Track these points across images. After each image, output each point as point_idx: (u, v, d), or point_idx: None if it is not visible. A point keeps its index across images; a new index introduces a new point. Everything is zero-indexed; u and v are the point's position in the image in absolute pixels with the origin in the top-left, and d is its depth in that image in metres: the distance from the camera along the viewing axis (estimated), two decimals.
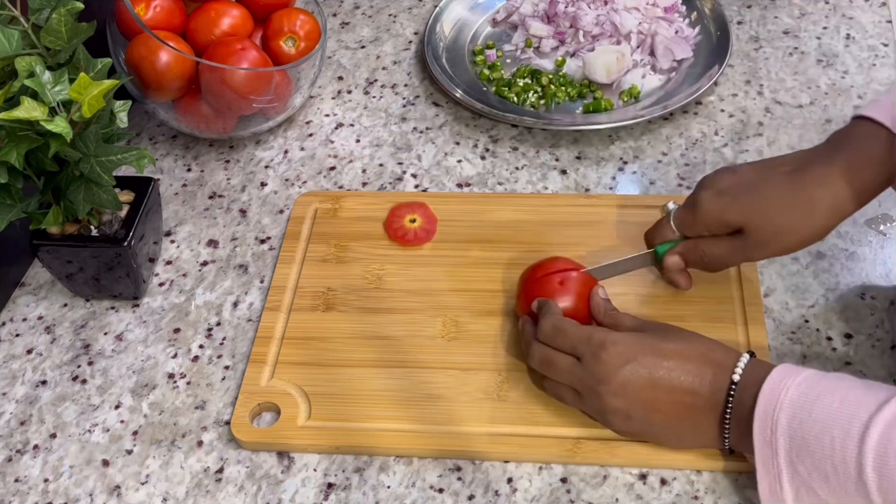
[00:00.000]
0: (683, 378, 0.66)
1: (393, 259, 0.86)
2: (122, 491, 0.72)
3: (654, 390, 0.66)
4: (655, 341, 0.68)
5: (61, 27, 0.75)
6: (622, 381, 0.66)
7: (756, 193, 0.72)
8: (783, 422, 0.60)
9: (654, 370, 0.66)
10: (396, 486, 0.71)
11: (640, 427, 0.68)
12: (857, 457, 0.57)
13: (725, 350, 0.68)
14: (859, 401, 0.59)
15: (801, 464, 0.60)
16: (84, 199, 0.76)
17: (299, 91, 1.00)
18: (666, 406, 0.66)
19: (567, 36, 1.08)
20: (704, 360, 0.66)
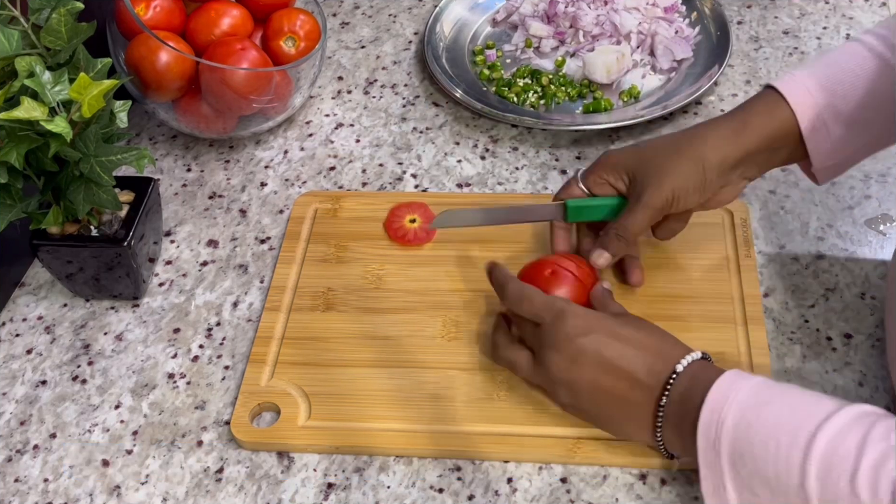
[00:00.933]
0: (630, 363, 0.66)
1: (393, 259, 0.86)
2: (122, 491, 0.72)
3: (601, 369, 0.66)
4: (614, 324, 0.68)
5: (61, 27, 0.75)
6: (574, 352, 0.66)
7: (648, 147, 0.77)
8: (729, 423, 0.60)
9: (605, 349, 0.66)
10: (396, 486, 0.71)
11: (583, 405, 0.68)
12: (802, 464, 0.56)
13: (678, 347, 0.67)
14: (808, 410, 0.58)
15: (743, 467, 0.59)
16: (84, 199, 0.76)
17: (299, 91, 1.00)
18: (608, 387, 0.66)
19: (567, 36, 1.08)
20: (655, 351, 0.66)
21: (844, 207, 0.88)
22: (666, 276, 0.82)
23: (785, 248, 0.85)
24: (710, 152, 0.74)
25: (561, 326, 0.67)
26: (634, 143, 0.80)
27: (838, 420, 0.57)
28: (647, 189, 0.74)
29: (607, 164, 0.78)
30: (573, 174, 0.81)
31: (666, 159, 0.74)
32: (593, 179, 0.78)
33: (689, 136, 0.75)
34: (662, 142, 0.77)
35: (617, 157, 0.78)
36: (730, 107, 1.00)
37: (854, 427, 0.56)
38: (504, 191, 0.94)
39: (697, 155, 0.74)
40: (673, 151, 0.75)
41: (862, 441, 0.55)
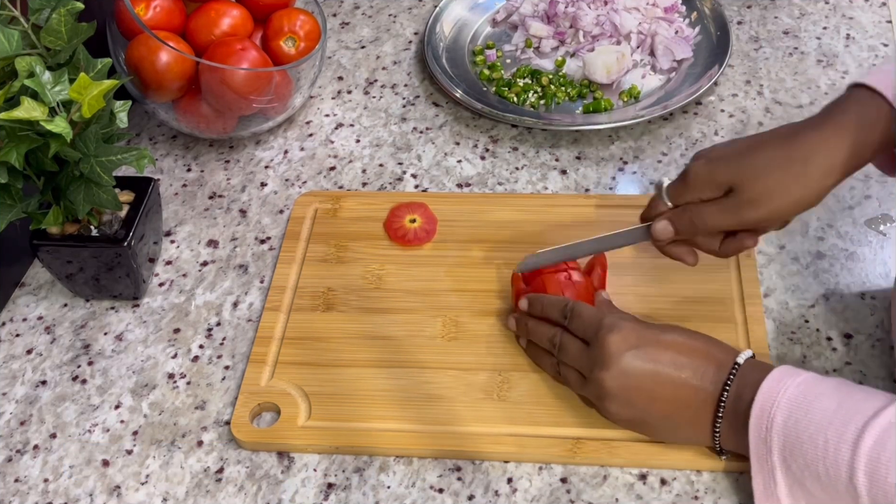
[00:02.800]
0: (684, 371, 0.66)
1: (393, 259, 0.86)
2: (122, 491, 0.72)
3: (655, 379, 0.66)
4: (659, 333, 0.68)
5: (61, 27, 0.75)
6: (624, 368, 0.66)
7: (747, 154, 0.70)
8: (779, 420, 0.61)
9: (657, 360, 0.66)
10: (396, 486, 0.71)
11: (637, 416, 0.68)
12: (850, 461, 0.57)
13: (725, 348, 0.68)
14: (857, 405, 0.59)
15: (793, 462, 0.60)
16: (84, 199, 0.76)
17: (299, 91, 1.00)
18: (665, 397, 0.66)
19: (567, 36, 1.08)
20: (705, 355, 0.67)
21: (844, 207, 0.88)
22: (666, 276, 0.82)
23: (785, 248, 0.85)
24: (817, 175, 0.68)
25: (611, 342, 0.67)
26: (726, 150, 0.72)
27: (887, 415, 0.57)
28: (748, 205, 0.69)
29: (702, 181, 0.71)
30: (657, 188, 0.75)
31: (773, 181, 0.68)
32: (682, 196, 0.73)
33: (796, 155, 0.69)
34: (765, 156, 0.69)
35: (713, 173, 0.71)
36: (730, 107, 1.00)
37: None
38: (504, 191, 0.94)
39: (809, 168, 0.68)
40: (780, 173, 0.68)
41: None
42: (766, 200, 0.69)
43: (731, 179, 0.70)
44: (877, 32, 1.08)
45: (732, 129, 0.98)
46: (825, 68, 1.04)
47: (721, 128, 0.98)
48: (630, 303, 0.80)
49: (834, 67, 1.04)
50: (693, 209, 0.72)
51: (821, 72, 1.04)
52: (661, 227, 0.74)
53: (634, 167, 0.95)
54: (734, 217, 0.71)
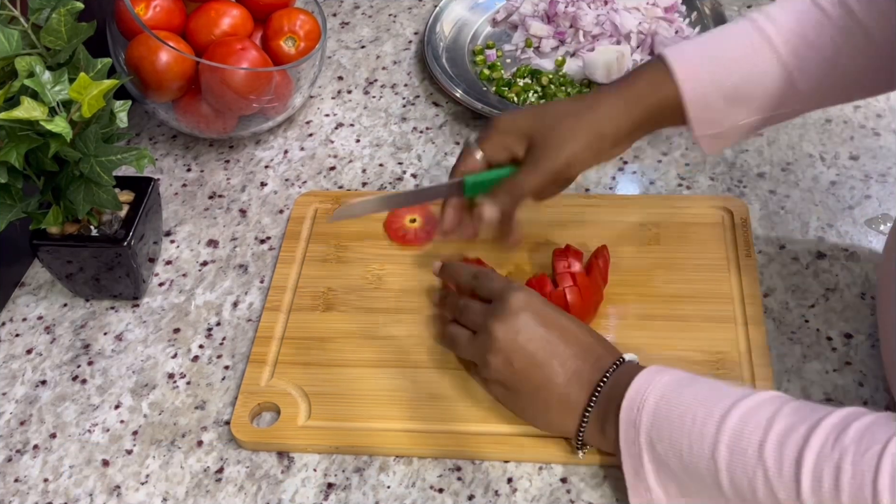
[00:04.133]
0: (570, 347, 0.68)
1: (393, 259, 0.86)
2: (122, 491, 0.72)
3: (542, 345, 0.68)
4: (558, 312, 0.71)
5: (61, 27, 0.75)
6: (518, 324, 0.68)
7: (544, 108, 0.79)
8: (651, 401, 0.62)
9: (550, 327, 0.68)
10: (396, 486, 0.71)
11: (513, 380, 0.69)
12: (714, 435, 0.58)
13: (612, 348, 0.70)
14: (726, 391, 0.61)
15: (659, 442, 0.61)
16: (84, 199, 0.76)
17: (299, 91, 1.00)
18: (545, 365, 0.67)
19: (567, 36, 1.08)
20: (589, 348, 0.69)
21: (844, 207, 0.88)
22: (666, 276, 0.82)
23: (785, 248, 0.85)
24: (605, 123, 0.75)
25: (512, 299, 0.69)
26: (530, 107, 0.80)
27: (754, 399, 0.59)
28: (544, 154, 0.75)
29: (505, 129, 0.78)
30: (466, 143, 0.80)
31: (564, 127, 0.75)
32: (491, 145, 0.78)
33: (586, 106, 0.76)
34: (559, 108, 0.77)
35: (515, 122, 0.78)
36: None
37: (768, 403, 0.59)
38: None
39: (594, 125, 0.75)
40: (571, 120, 0.76)
41: (773, 415, 0.57)
42: (560, 146, 0.75)
43: (528, 127, 0.76)
44: None
45: None
46: None
47: None
48: (630, 303, 0.80)
49: None
50: (505, 182, 0.77)
51: None
52: (488, 211, 0.77)
53: (634, 167, 0.95)
54: (541, 171, 0.76)
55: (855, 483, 0.52)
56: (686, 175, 0.94)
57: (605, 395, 0.66)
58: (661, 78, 0.75)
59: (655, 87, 0.75)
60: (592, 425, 0.67)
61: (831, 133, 0.96)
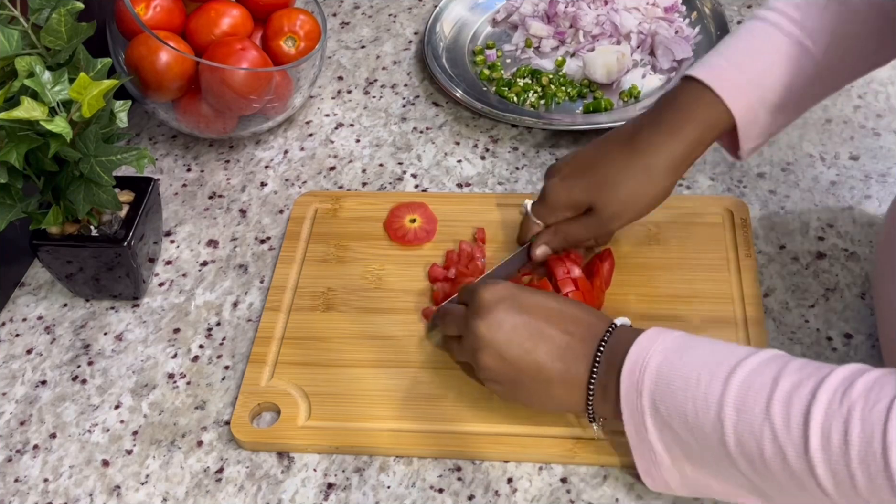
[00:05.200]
0: (557, 323, 0.67)
1: (393, 259, 0.86)
2: (122, 491, 0.72)
3: (528, 329, 0.67)
4: (534, 294, 0.70)
5: (61, 27, 0.75)
6: (498, 317, 0.67)
7: (596, 171, 0.77)
8: (652, 364, 0.62)
9: (530, 311, 0.67)
10: (396, 486, 0.71)
11: (510, 373, 0.68)
12: (720, 395, 0.58)
13: (599, 315, 0.69)
14: (729, 350, 0.61)
15: (662, 404, 0.61)
16: (84, 199, 0.76)
17: (299, 91, 1.00)
18: (537, 348, 0.66)
19: (567, 36, 1.08)
20: (577, 319, 0.68)
21: (844, 207, 0.88)
22: (666, 276, 0.82)
23: (785, 248, 0.85)
24: (664, 178, 0.76)
25: (483, 295, 0.69)
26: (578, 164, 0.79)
27: (757, 357, 0.59)
28: (606, 220, 0.77)
29: (561, 202, 0.79)
30: (524, 209, 0.82)
31: (624, 194, 0.76)
32: (550, 216, 0.80)
33: (641, 165, 0.75)
34: (614, 171, 0.76)
35: (570, 190, 0.78)
36: None
37: (772, 362, 0.58)
38: (504, 191, 0.94)
39: (653, 184, 0.76)
40: (629, 184, 0.75)
41: (778, 373, 0.57)
42: (623, 212, 0.77)
43: (587, 199, 0.77)
44: None
45: None
46: None
47: None
48: (630, 303, 0.80)
49: None
50: (564, 229, 0.80)
51: None
52: (541, 252, 0.80)
53: None
54: (602, 230, 0.79)
55: (864, 437, 0.52)
56: (686, 175, 0.93)
57: (604, 363, 0.65)
58: (710, 108, 0.74)
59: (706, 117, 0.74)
60: (598, 395, 0.66)
61: (831, 133, 0.96)
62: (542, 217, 0.80)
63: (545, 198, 0.79)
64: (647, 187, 0.75)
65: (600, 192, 0.76)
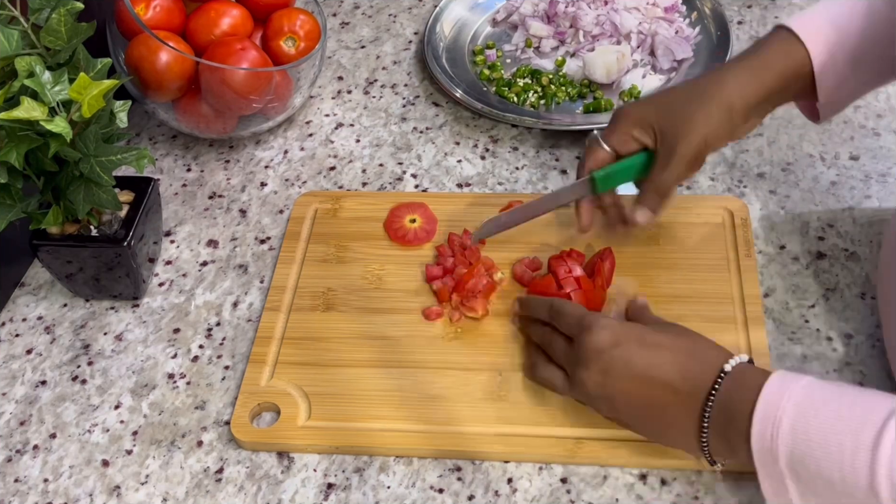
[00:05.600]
0: (662, 370, 0.65)
1: (393, 259, 0.86)
2: (122, 491, 0.72)
3: (632, 380, 0.65)
4: (644, 332, 0.67)
5: (61, 27, 0.75)
6: (604, 366, 0.66)
7: (667, 96, 0.77)
8: (785, 427, 0.58)
9: (635, 358, 0.65)
10: (396, 486, 0.71)
11: (624, 417, 0.68)
12: (870, 465, 0.55)
13: (716, 349, 0.66)
14: (868, 407, 0.57)
15: (803, 470, 0.58)
16: (84, 199, 0.76)
17: (299, 91, 1.00)
18: (643, 399, 0.65)
19: (567, 36, 1.08)
20: (688, 354, 0.65)
21: (844, 207, 0.88)
22: (666, 276, 0.82)
23: (785, 248, 0.85)
24: (735, 96, 0.74)
25: (589, 341, 0.67)
26: (650, 95, 0.80)
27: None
28: (679, 140, 0.74)
29: (630, 119, 0.77)
30: (592, 137, 0.79)
31: (693, 108, 0.74)
32: (618, 138, 0.77)
33: (712, 82, 0.75)
34: (684, 90, 0.77)
35: (640, 111, 0.77)
36: None
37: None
38: (504, 191, 0.94)
39: (724, 100, 0.74)
40: (698, 99, 0.75)
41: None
42: (692, 129, 0.74)
43: (656, 113, 0.76)
44: None
45: None
46: None
47: None
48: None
49: None
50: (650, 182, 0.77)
51: None
52: (641, 216, 0.78)
53: None
54: (681, 159, 0.75)
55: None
56: None
57: (720, 406, 0.62)
58: (788, 46, 0.74)
59: (784, 55, 0.74)
60: (715, 440, 0.63)
61: (831, 133, 0.96)
62: (610, 140, 0.77)
63: (614, 119, 0.78)
64: (720, 118, 0.74)
65: (672, 114, 0.75)
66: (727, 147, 0.96)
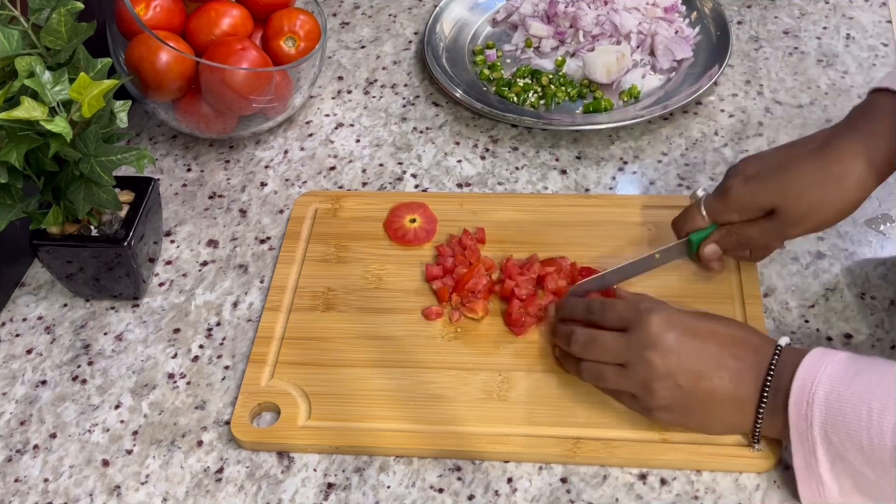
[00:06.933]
0: (727, 351, 0.67)
1: (393, 259, 0.86)
2: (122, 491, 0.72)
3: (702, 357, 0.67)
4: (697, 318, 0.69)
5: (61, 27, 0.75)
6: (671, 345, 0.67)
7: (784, 173, 0.73)
8: (821, 393, 0.61)
9: (702, 338, 0.67)
10: (396, 486, 0.71)
11: (683, 399, 0.67)
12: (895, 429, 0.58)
13: (761, 335, 0.69)
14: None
15: (835, 435, 0.61)
16: (84, 199, 0.76)
17: (299, 91, 1.00)
18: (711, 375, 0.66)
19: (567, 36, 1.08)
20: (743, 340, 0.68)
21: None
22: (666, 277, 0.82)
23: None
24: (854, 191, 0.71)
25: (652, 322, 0.68)
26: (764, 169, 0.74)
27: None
28: (789, 226, 0.73)
29: (743, 202, 0.74)
30: (694, 198, 0.77)
31: (811, 201, 0.71)
32: (723, 215, 0.76)
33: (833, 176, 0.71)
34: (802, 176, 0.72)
35: (754, 194, 0.73)
36: (730, 107, 1.00)
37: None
38: (504, 191, 0.94)
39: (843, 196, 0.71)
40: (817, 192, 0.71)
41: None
42: (808, 218, 0.72)
43: (772, 202, 0.72)
44: (877, 32, 1.08)
45: (732, 128, 0.98)
46: (825, 68, 1.04)
47: (721, 128, 0.98)
48: None
49: (834, 67, 1.04)
50: (740, 231, 0.76)
51: (821, 72, 1.04)
52: (710, 250, 0.77)
53: (634, 167, 0.95)
54: (779, 236, 0.75)
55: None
56: (686, 175, 0.94)
57: (772, 387, 0.65)
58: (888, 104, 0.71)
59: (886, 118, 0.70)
60: (768, 419, 0.66)
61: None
62: (716, 215, 0.76)
63: (726, 196, 0.75)
64: (837, 195, 0.71)
65: (786, 196, 0.72)
66: (727, 147, 0.96)
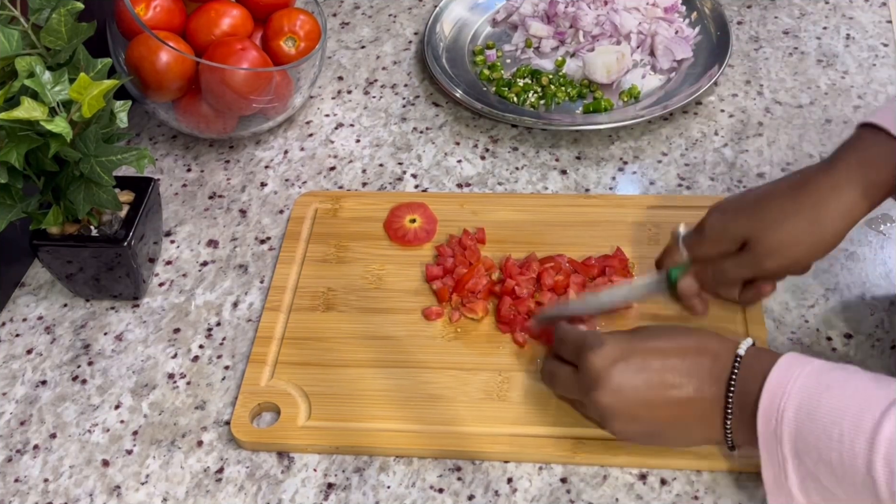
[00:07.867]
0: (678, 373, 0.65)
1: (393, 259, 0.86)
2: (122, 491, 0.72)
3: (651, 387, 0.65)
4: (644, 340, 0.67)
5: (61, 27, 0.75)
6: (615, 384, 0.65)
7: (759, 206, 0.72)
8: (790, 412, 0.59)
9: (647, 368, 0.65)
10: (396, 486, 0.71)
11: (645, 429, 0.67)
12: (868, 451, 0.56)
13: (722, 341, 0.66)
14: (871, 394, 0.58)
15: (807, 455, 0.59)
16: (84, 199, 0.76)
17: (299, 91, 1.00)
18: (666, 402, 0.65)
19: (567, 36, 1.08)
20: (699, 352, 0.66)
21: None
22: None
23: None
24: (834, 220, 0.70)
25: (593, 360, 0.66)
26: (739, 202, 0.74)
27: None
28: (765, 258, 0.71)
29: (719, 235, 0.73)
30: (673, 237, 0.77)
31: (786, 232, 0.70)
32: (699, 248, 0.75)
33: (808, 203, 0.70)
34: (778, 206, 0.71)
35: (728, 227, 0.73)
36: (730, 107, 1.00)
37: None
38: (504, 191, 0.94)
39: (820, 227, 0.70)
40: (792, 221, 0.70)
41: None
42: (782, 251, 0.70)
43: (745, 233, 0.71)
44: (877, 32, 1.08)
45: (732, 129, 0.98)
46: (825, 68, 1.04)
47: (721, 128, 0.98)
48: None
49: (834, 67, 1.04)
50: (714, 265, 0.74)
51: (821, 72, 1.04)
52: (687, 284, 0.75)
53: (634, 167, 0.95)
54: (754, 269, 0.73)
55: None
56: (686, 175, 0.94)
57: (738, 399, 0.63)
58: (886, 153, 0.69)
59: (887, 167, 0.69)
60: (739, 429, 0.64)
61: (831, 133, 0.96)
62: (693, 249, 0.75)
63: (702, 229, 0.74)
64: (811, 228, 0.70)
65: (756, 227, 0.71)
66: (727, 147, 0.96)
